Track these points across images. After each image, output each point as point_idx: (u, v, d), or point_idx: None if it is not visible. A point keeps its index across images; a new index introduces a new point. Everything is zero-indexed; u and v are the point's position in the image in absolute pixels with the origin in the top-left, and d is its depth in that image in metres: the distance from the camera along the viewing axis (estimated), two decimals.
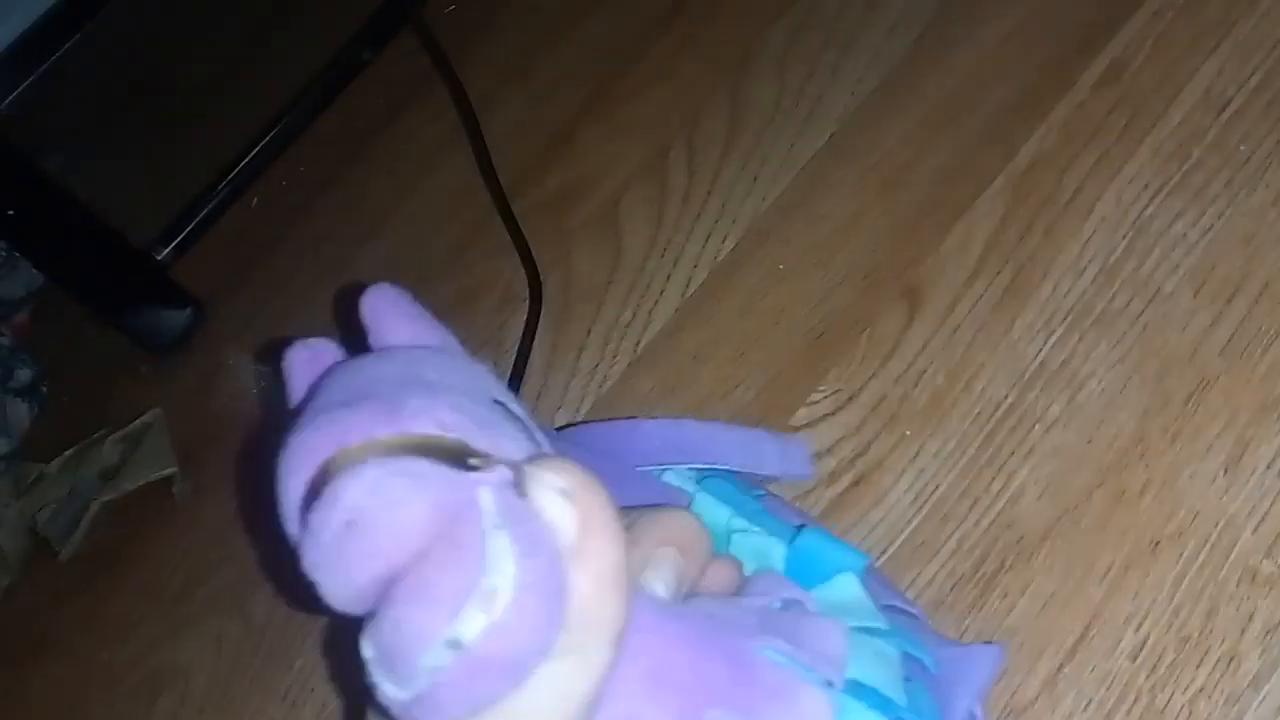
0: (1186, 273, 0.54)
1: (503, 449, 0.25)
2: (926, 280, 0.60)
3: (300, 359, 0.32)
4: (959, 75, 0.67)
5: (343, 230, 0.88)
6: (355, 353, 0.31)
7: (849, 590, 0.42)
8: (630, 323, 0.68)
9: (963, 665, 0.44)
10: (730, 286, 0.66)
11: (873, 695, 0.37)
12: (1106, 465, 0.51)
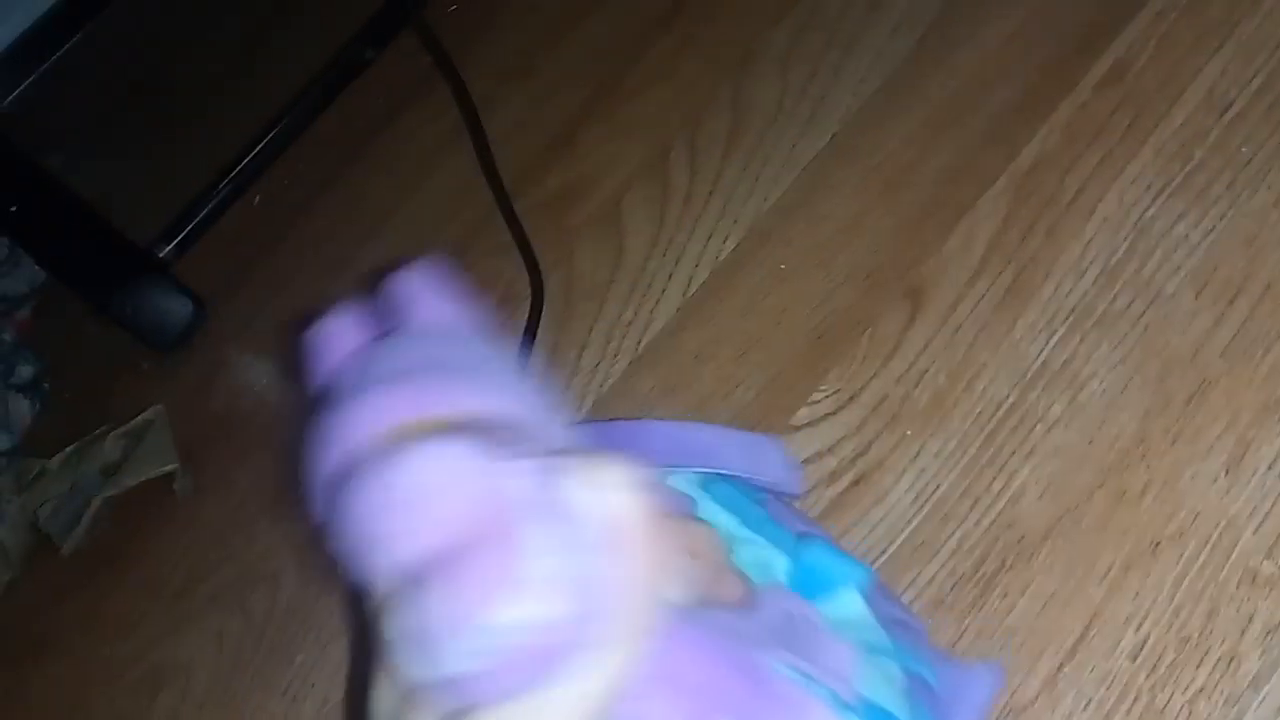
0: (1188, 274, 0.54)
1: (543, 438, 0.25)
2: (928, 280, 0.60)
3: (330, 330, 0.31)
4: (962, 76, 0.67)
5: (344, 229, 0.88)
6: (383, 327, 0.31)
7: (853, 606, 0.42)
8: (632, 322, 0.68)
9: (963, 685, 0.44)
10: (732, 286, 0.66)
11: (879, 713, 0.37)
12: (1108, 465, 0.51)
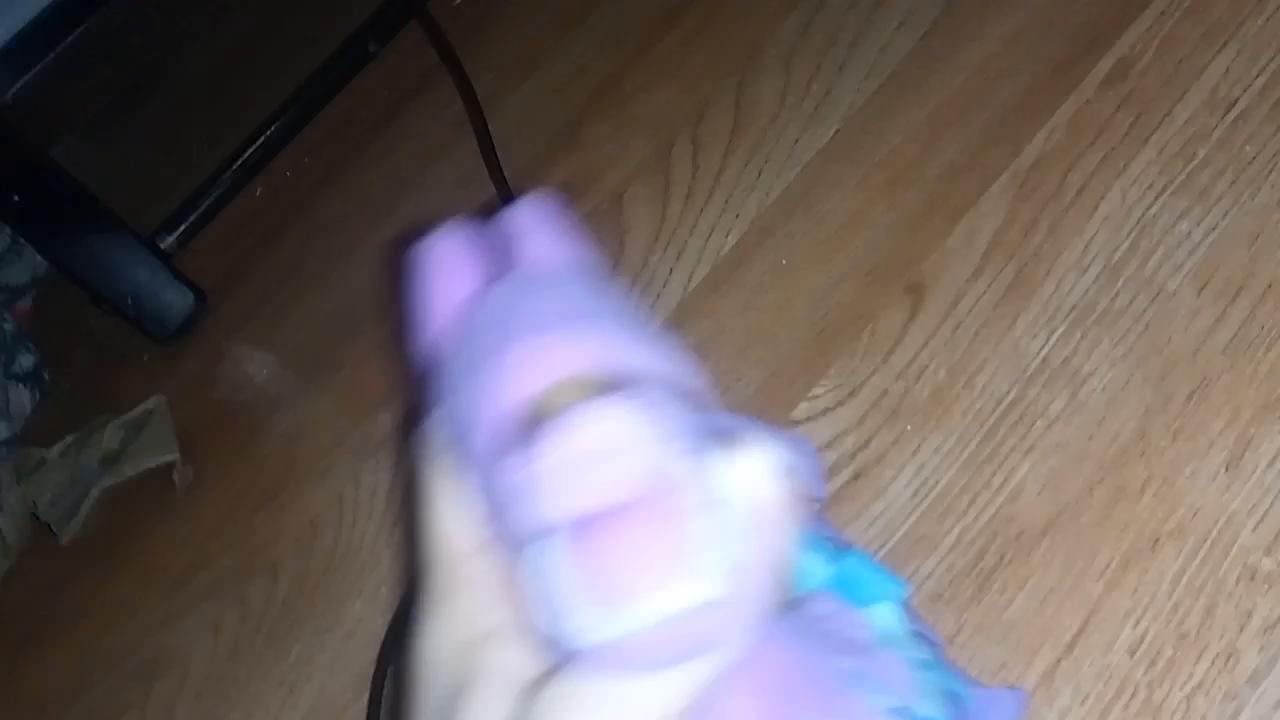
0: (1190, 272, 0.54)
1: (694, 404, 0.24)
2: (930, 276, 0.60)
3: (441, 251, 0.29)
4: (965, 73, 0.67)
5: (347, 222, 0.89)
6: (493, 258, 0.30)
7: (891, 620, 0.42)
8: None
9: (990, 708, 0.43)
10: (733, 281, 0.67)
11: None
12: (1107, 462, 0.51)
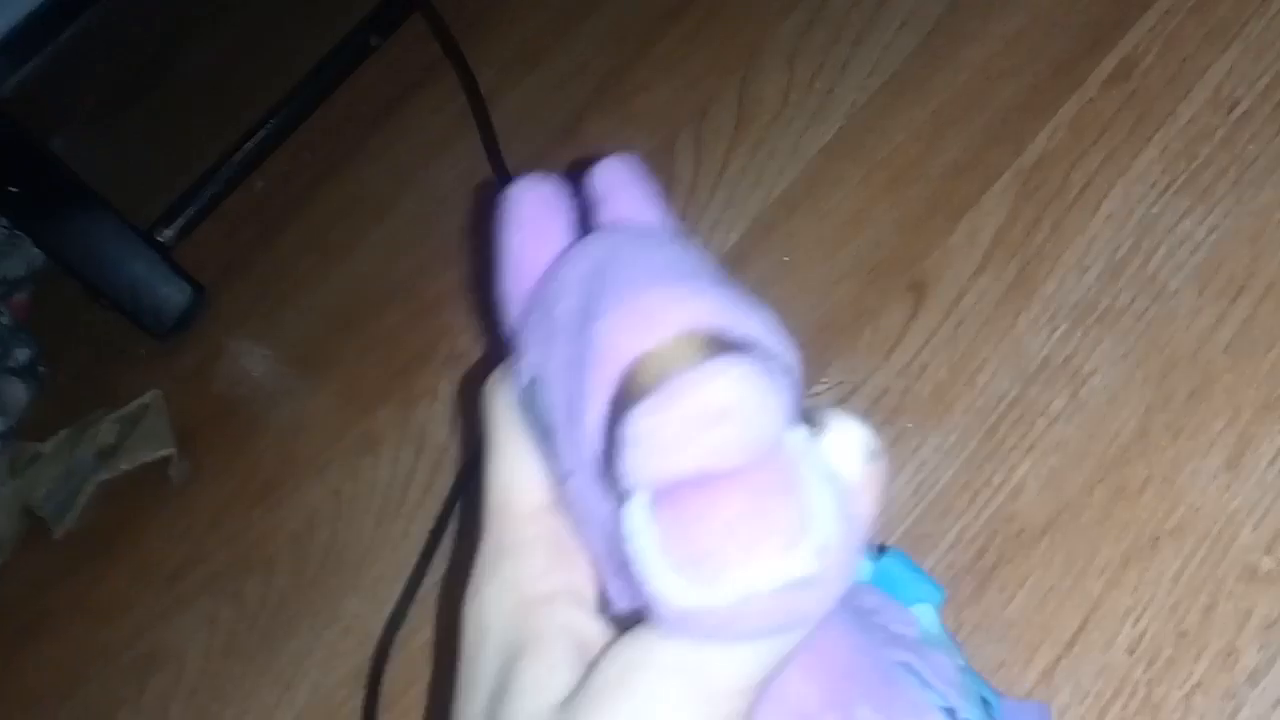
0: (1192, 271, 0.54)
1: (795, 371, 0.24)
2: (932, 274, 0.60)
3: (533, 196, 0.29)
4: (968, 71, 0.67)
5: (347, 216, 0.88)
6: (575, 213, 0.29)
7: (929, 622, 0.42)
8: None
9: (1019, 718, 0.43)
10: (735, 278, 0.66)
11: None
12: (1108, 460, 0.51)
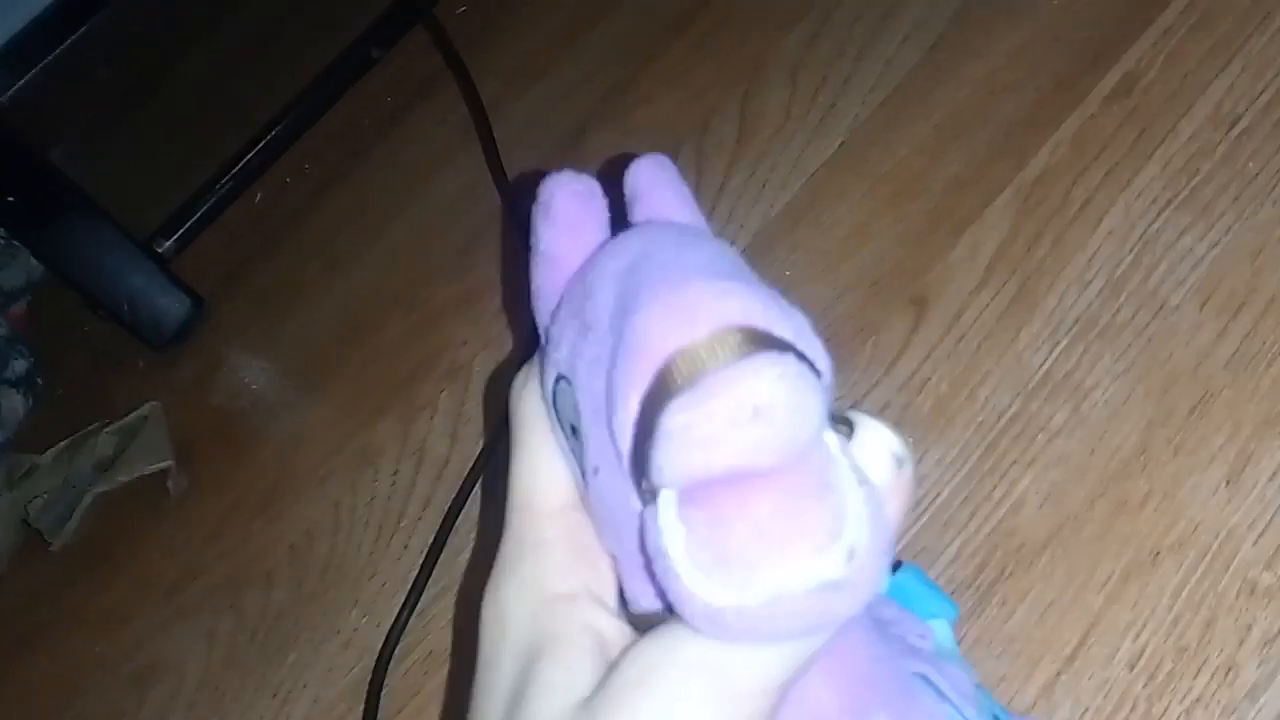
0: (1192, 286, 0.54)
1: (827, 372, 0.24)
2: (933, 289, 0.60)
3: (568, 192, 0.29)
4: (970, 87, 0.67)
5: (347, 228, 0.88)
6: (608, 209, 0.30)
7: (944, 636, 0.42)
8: None
9: None
10: None
11: None
12: (1109, 475, 0.51)
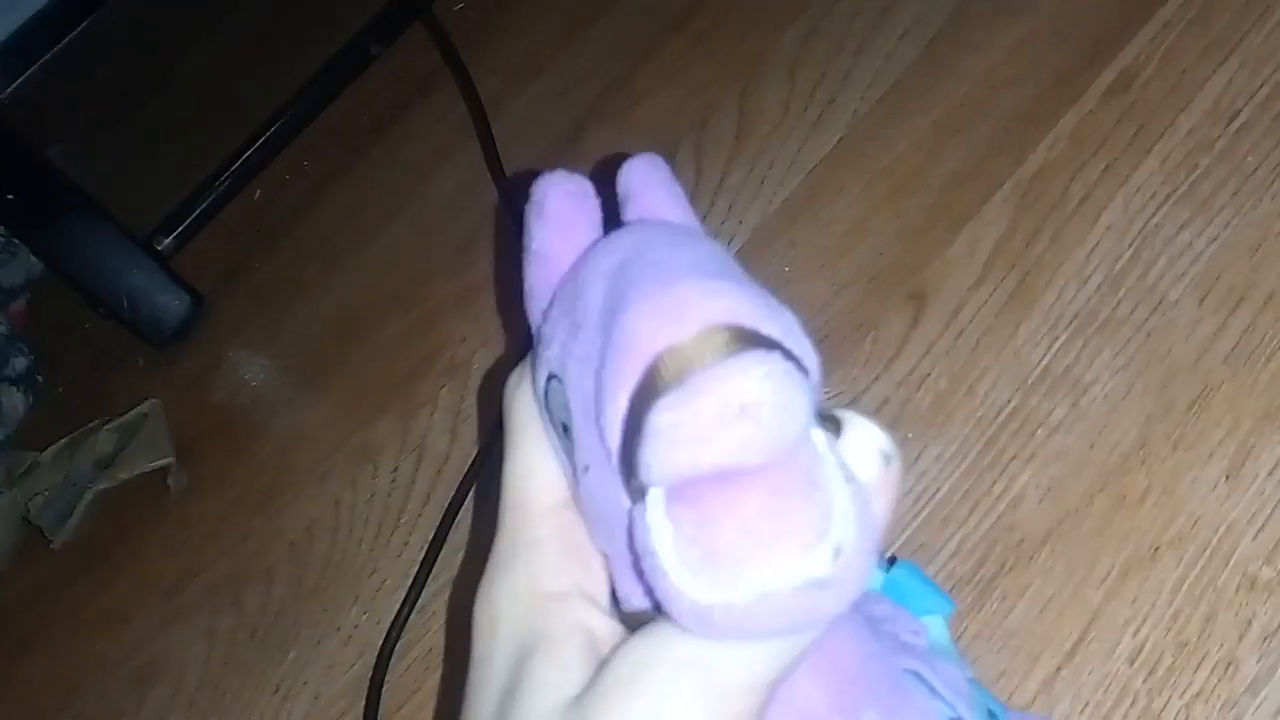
0: (1192, 281, 0.54)
1: (815, 372, 0.24)
2: (932, 285, 0.60)
3: (561, 191, 0.30)
4: (969, 82, 0.67)
5: (346, 226, 0.88)
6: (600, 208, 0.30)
7: (939, 633, 0.42)
8: None
9: None
10: None
11: None
12: (1108, 470, 0.51)
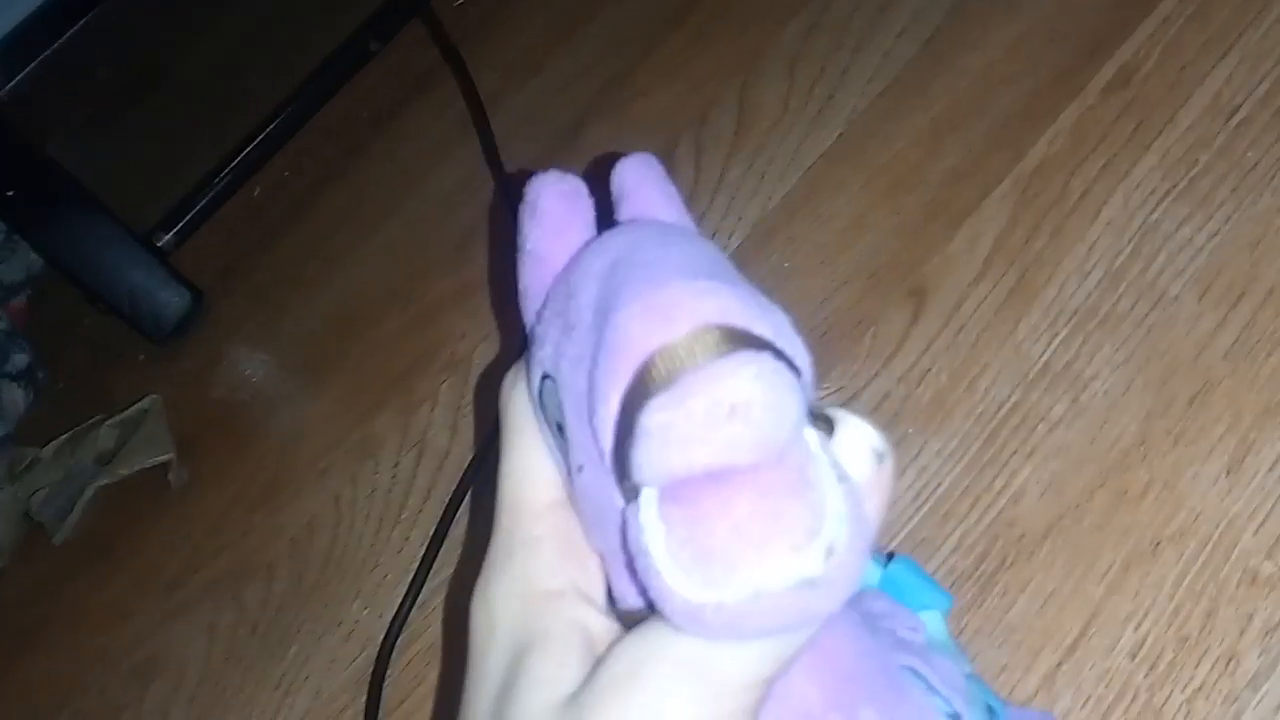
0: (1192, 277, 0.54)
1: (807, 371, 0.24)
2: (932, 280, 0.60)
3: (554, 192, 0.30)
4: (969, 78, 0.67)
5: (345, 222, 0.88)
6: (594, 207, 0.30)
7: (937, 628, 0.42)
8: None
9: None
10: None
11: None
12: (1109, 465, 0.51)
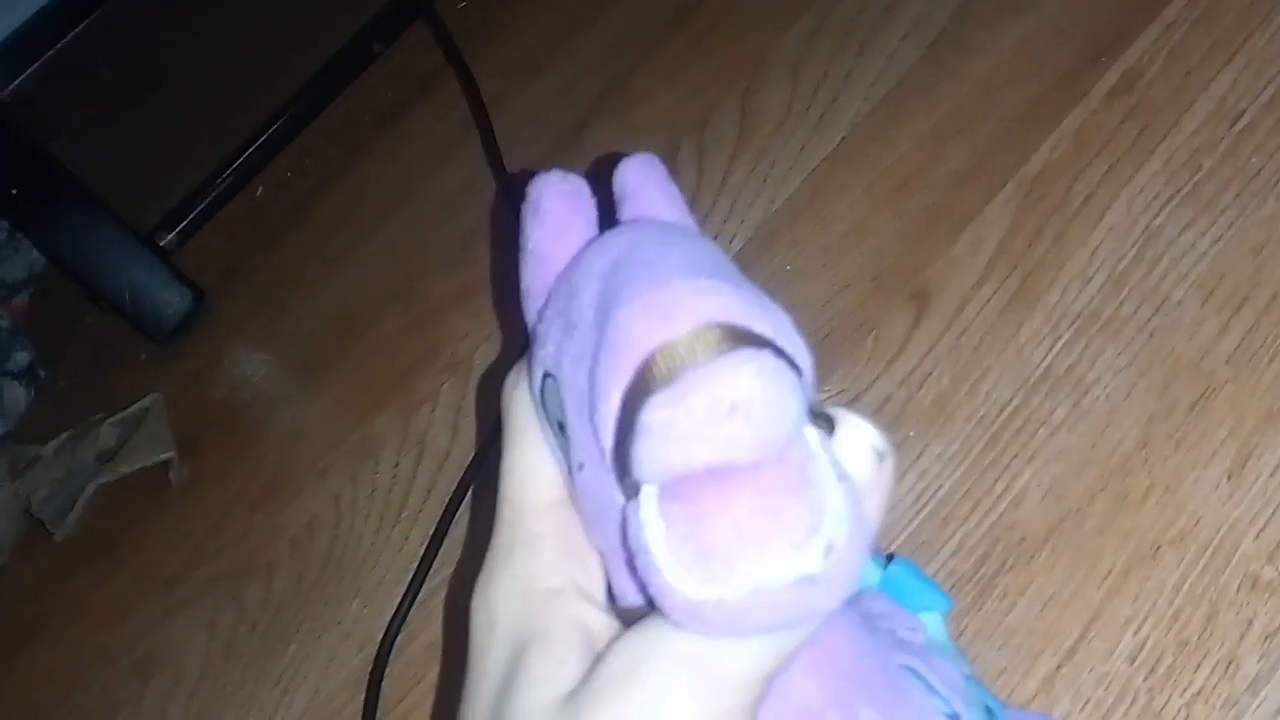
0: (1195, 282, 0.54)
1: (808, 370, 0.24)
2: (934, 284, 0.60)
3: (556, 192, 0.30)
4: (972, 82, 0.67)
5: (348, 223, 0.89)
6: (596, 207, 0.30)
7: (936, 629, 0.42)
8: None
9: None
10: None
11: None
12: (1110, 469, 0.51)
